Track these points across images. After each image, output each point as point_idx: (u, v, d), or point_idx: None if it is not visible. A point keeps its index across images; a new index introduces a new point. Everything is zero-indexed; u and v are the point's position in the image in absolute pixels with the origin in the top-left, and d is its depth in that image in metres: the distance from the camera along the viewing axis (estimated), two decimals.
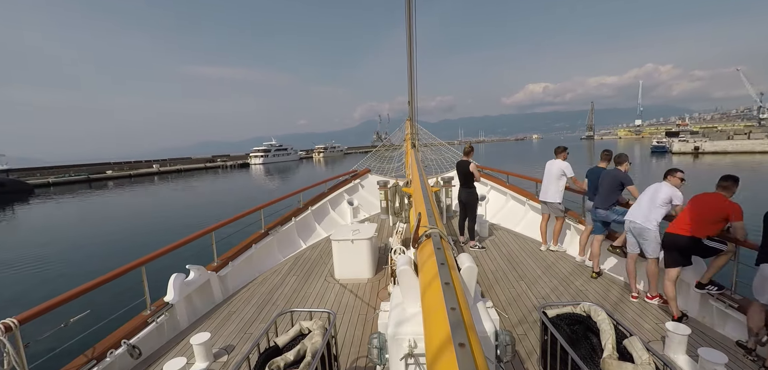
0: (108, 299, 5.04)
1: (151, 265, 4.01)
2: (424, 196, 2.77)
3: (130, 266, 3.82)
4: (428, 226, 1.93)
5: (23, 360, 2.61)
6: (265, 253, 6.39)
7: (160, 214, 22.67)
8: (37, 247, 14.90)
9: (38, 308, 2.84)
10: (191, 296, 4.51)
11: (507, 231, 7.60)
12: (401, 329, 1.53)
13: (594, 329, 2.12)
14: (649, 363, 1.77)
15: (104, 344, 3.35)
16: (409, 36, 5.16)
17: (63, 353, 3.20)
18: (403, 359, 1.48)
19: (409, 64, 5.74)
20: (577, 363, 1.75)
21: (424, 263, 1.59)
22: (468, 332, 0.91)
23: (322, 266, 6.08)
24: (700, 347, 2.87)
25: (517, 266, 5.59)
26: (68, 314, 3.19)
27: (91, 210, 26.69)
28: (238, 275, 5.56)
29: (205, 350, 3.44)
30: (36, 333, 2.96)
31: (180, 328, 4.18)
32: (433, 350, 0.93)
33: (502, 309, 4.25)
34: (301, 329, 2.27)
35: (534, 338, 3.62)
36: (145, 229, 17.74)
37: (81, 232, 18.16)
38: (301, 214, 7.99)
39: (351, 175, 11.18)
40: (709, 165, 33.20)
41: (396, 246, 5.03)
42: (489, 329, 1.50)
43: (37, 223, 22.28)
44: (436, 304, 1.11)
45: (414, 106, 7.50)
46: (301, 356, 2.04)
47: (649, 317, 3.96)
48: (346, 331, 3.99)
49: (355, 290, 5.08)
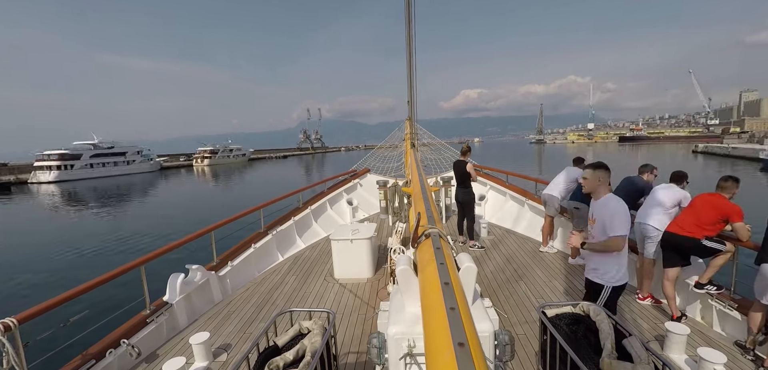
0: (107, 298, 5.04)
1: (151, 265, 4.02)
2: (424, 195, 2.77)
3: (129, 266, 3.82)
4: (427, 226, 1.93)
5: (22, 360, 2.60)
6: (265, 253, 6.39)
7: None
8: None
9: (37, 308, 2.84)
10: (190, 295, 4.51)
11: (506, 231, 7.60)
12: (400, 328, 1.53)
13: (593, 328, 2.12)
14: (648, 363, 1.77)
15: (103, 344, 3.34)
16: (408, 36, 5.16)
17: (62, 352, 3.19)
18: (402, 359, 1.48)
19: (409, 64, 5.74)
20: (577, 363, 1.75)
21: (423, 263, 1.59)
22: (467, 332, 0.91)
23: (321, 265, 6.08)
24: (700, 347, 2.87)
25: (516, 266, 5.60)
26: (67, 313, 3.20)
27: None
28: (238, 274, 5.56)
29: (204, 349, 3.44)
30: (35, 333, 2.96)
31: (179, 327, 4.18)
32: (432, 350, 0.93)
33: (502, 309, 4.26)
34: (301, 328, 2.27)
35: (533, 338, 3.62)
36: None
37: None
38: (300, 213, 7.99)
39: (350, 175, 11.18)
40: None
41: (395, 246, 5.03)
42: (488, 328, 1.50)
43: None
44: (436, 304, 1.11)
45: (413, 106, 7.49)
46: (301, 355, 2.04)
47: (648, 317, 3.97)
48: (346, 331, 3.99)
49: (355, 289, 5.08)
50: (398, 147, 12.57)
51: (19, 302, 7.59)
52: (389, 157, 13.07)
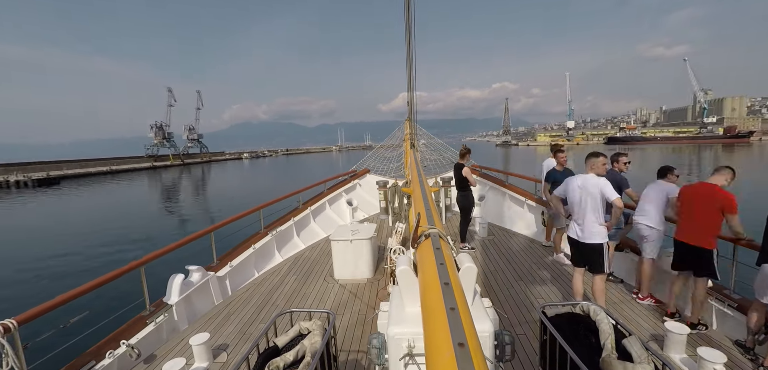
0: (107, 300, 5.03)
1: (151, 266, 4.01)
2: (423, 196, 2.78)
3: (129, 267, 3.81)
4: (427, 226, 1.93)
5: (22, 361, 2.60)
6: (265, 253, 6.38)
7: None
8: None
9: (37, 309, 2.83)
10: (190, 296, 4.50)
11: (506, 231, 7.61)
12: (400, 329, 1.53)
13: (593, 328, 2.12)
14: (648, 363, 1.77)
15: (103, 345, 3.34)
16: (408, 37, 5.15)
17: (62, 354, 3.19)
18: (402, 359, 1.48)
19: (408, 65, 5.74)
20: (577, 363, 1.75)
21: (423, 263, 1.59)
22: (467, 332, 0.91)
23: (321, 266, 6.08)
24: (700, 347, 2.88)
25: (516, 266, 5.60)
26: (67, 315, 3.19)
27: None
28: (238, 275, 5.56)
29: (204, 350, 3.44)
30: (35, 334, 2.96)
31: (179, 328, 4.18)
32: (432, 350, 0.93)
33: (502, 309, 4.26)
34: (301, 329, 2.26)
35: (533, 338, 3.62)
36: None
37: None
38: (300, 214, 7.99)
39: (350, 176, 11.19)
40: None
41: (395, 246, 5.03)
42: (488, 328, 1.50)
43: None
44: (436, 304, 1.11)
45: (413, 106, 7.49)
46: (301, 356, 2.04)
47: (648, 316, 3.97)
48: (346, 331, 3.99)
49: (355, 290, 5.08)
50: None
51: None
52: (389, 157, 13.07)
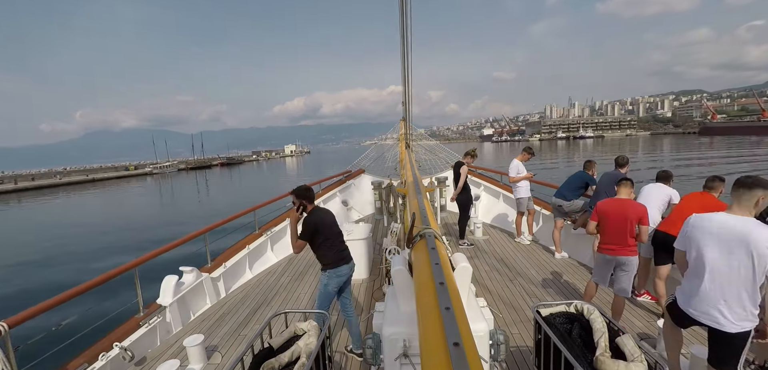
0: (100, 302, 4.98)
1: (144, 267, 3.98)
2: (419, 196, 2.78)
3: (122, 269, 3.78)
4: (422, 226, 1.93)
5: (13, 365, 2.57)
6: (259, 254, 6.36)
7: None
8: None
9: (29, 312, 2.80)
10: (184, 298, 4.47)
11: (501, 231, 7.64)
12: (396, 329, 1.53)
13: (587, 327, 2.14)
14: (641, 361, 1.79)
15: (96, 348, 3.31)
16: (403, 37, 5.15)
17: (54, 357, 3.15)
18: (397, 359, 1.48)
19: (403, 66, 5.74)
20: (571, 362, 1.76)
21: (418, 263, 1.59)
22: (462, 332, 0.92)
23: (316, 267, 6.05)
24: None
25: (511, 266, 5.63)
26: (59, 317, 3.15)
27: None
28: (232, 276, 5.52)
29: (198, 352, 3.42)
30: (26, 337, 2.92)
31: (173, 330, 4.15)
32: (427, 350, 0.94)
33: (497, 308, 4.27)
34: (296, 330, 2.26)
35: (528, 337, 3.64)
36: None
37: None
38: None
39: (345, 176, 11.17)
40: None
41: (390, 246, 5.03)
42: (483, 328, 1.51)
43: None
44: (431, 304, 1.11)
45: (408, 107, 7.51)
46: (296, 357, 2.04)
47: (642, 315, 4.01)
48: (341, 332, 3.98)
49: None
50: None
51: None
52: (384, 157, 13.06)
